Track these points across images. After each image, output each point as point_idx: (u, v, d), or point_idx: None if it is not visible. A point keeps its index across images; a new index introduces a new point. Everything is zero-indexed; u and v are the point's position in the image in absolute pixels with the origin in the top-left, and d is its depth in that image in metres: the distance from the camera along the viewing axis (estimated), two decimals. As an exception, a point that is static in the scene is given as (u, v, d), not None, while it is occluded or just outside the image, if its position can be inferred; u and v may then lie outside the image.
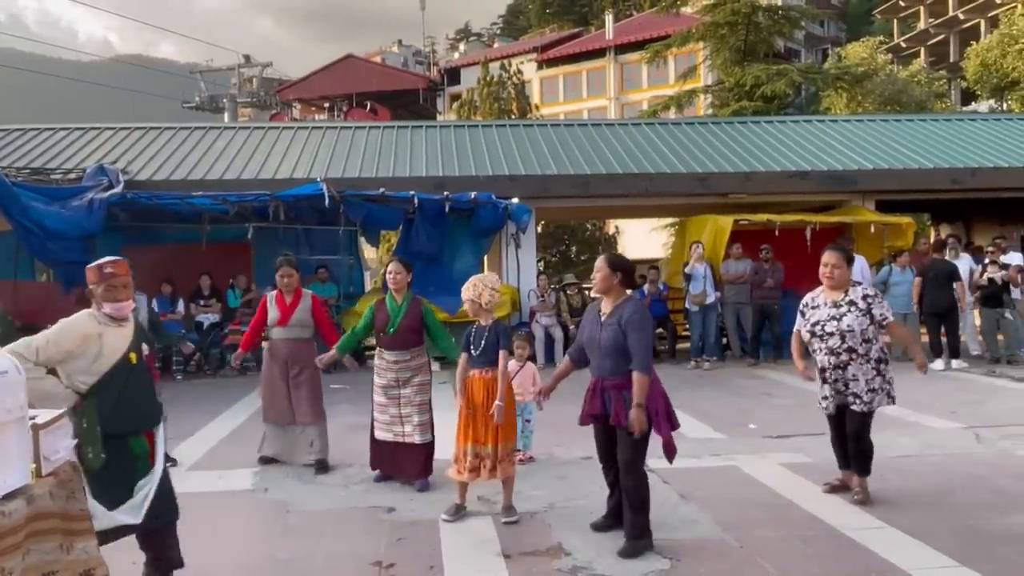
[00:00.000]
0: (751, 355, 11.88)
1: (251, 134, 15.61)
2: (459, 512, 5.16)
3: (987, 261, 11.50)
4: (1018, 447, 6.62)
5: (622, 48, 44.17)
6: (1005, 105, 29.37)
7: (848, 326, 5.16)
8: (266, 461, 6.59)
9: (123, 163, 13.31)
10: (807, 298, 5.52)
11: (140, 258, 9.91)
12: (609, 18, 46.95)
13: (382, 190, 12.23)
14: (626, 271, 4.62)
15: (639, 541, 4.45)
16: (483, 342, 5.15)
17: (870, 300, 5.24)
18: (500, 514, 5.12)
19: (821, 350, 5.31)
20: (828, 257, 5.33)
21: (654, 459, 5.97)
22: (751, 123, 17.04)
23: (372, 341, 6.56)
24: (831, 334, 5.23)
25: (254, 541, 4.89)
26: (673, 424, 4.57)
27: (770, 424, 7.75)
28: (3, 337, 6.48)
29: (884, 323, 5.25)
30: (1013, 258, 11.69)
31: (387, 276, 5.92)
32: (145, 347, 3.81)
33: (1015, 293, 11.37)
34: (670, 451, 4.56)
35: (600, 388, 4.55)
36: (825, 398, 5.40)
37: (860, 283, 5.50)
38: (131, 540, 4.78)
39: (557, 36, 52.65)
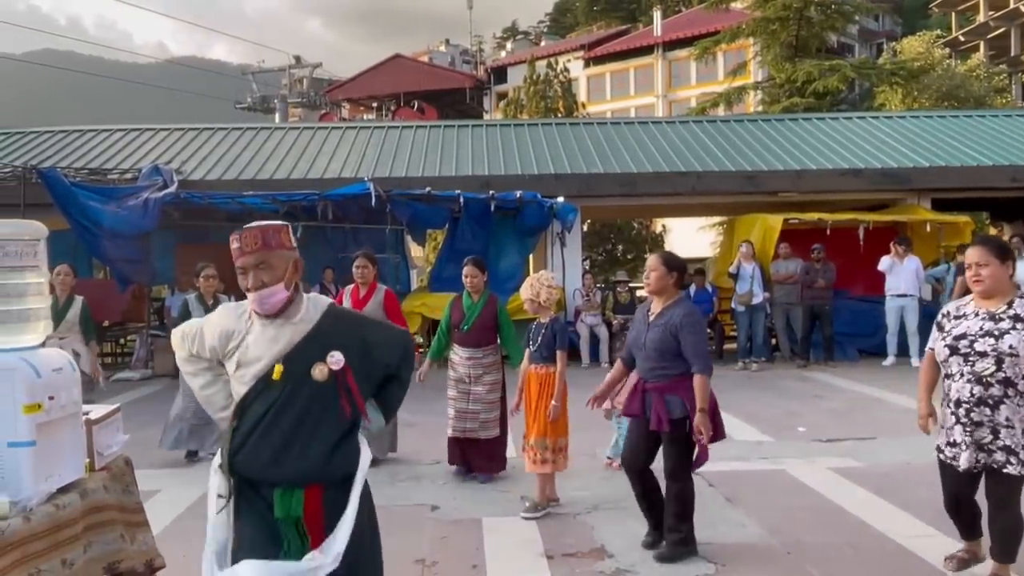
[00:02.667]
0: (801, 357, 11.67)
1: (300, 134, 15.86)
2: (536, 508, 5.27)
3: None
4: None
5: (670, 45, 43.78)
6: (1070, 100, 28.39)
7: (1011, 348, 3.67)
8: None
9: (177, 163, 13.62)
10: (949, 307, 4.06)
11: (193, 256, 10.14)
12: (657, 15, 46.53)
13: (428, 189, 12.31)
14: (681, 271, 4.51)
15: (680, 548, 4.38)
16: (540, 338, 5.32)
17: None
18: (527, 509, 5.17)
19: (962, 375, 3.79)
20: (972, 255, 3.87)
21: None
22: (802, 120, 16.76)
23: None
24: (982, 354, 3.72)
25: (300, 536, 4.95)
26: (718, 433, 4.38)
27: (819, 427, 7.60)
28: (85, 328, 6.71)
29: None
30: (1076, 258, 11.27)
31: (464, 280, 5.96)
32: (336, 359, 2.56)
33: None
34: (701, 459, 4.35)
35: (642, 390, 4.45)
36: (953, 445, 3.84)
37: None
38: (184, 529, 4.89)
39: (604, 33, 52.43)
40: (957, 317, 3.93)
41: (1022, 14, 42.99)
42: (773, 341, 12.51)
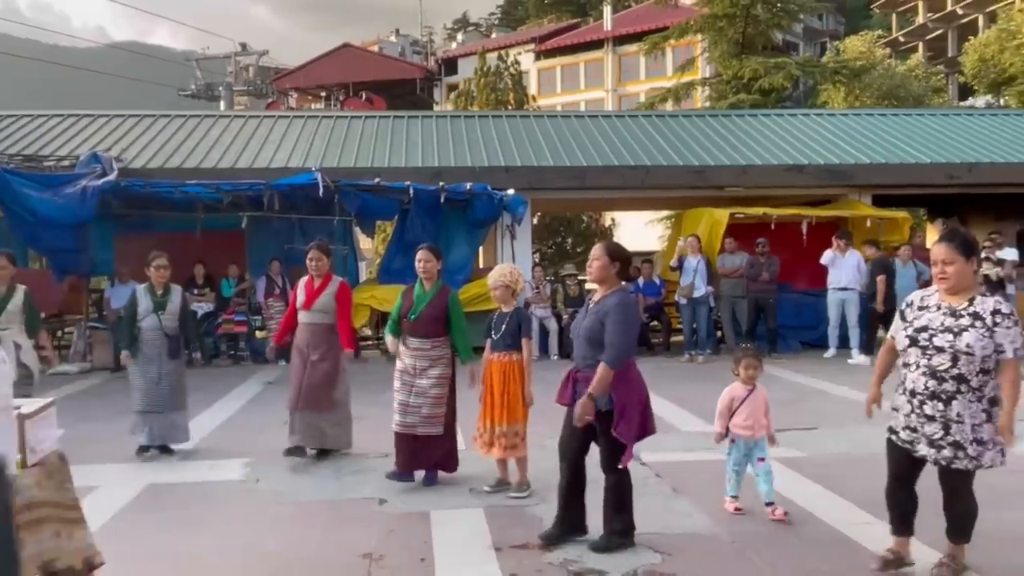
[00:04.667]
0: (745, 349, 11.86)
1: (246, 123, 15.55)
2: (500, 486, 5.41)
3: (983, 257, 11.49)
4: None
5: (620, 40, 44.10)
6: (1002, 100, 29.36)
7: (967, 346, 3.73)
8: (291, 452, 6.36)
9: (117, 150, 13.25)
10: (914, 296, 4.10)
11: (133, 246, 9.89)
12: (607, 9, 46.82)
13: (377, 180, 12.19)
14: (624, 261, 4.49)
15: (616, 539, 4.39)
16: (504, 327, 5.38)
17: (998, 319, 3.77)
18: (512, 490, 5.38)
19: (918, 367, 3.87)
20: (937, 252, 3.89)
21: (646, 452, 5.97)
22: (748, 116, 17.02)
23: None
24: (940, 349, 3.80)
25: (244, 532, 4.87)
26: (647, 429, 4.35)
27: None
28: (29, 319, 6.48)
29: (999, 355, 3.77)
30: (1008, 254, 11.70)
31: (417, 265, 5.84)
32: None
33: (1010, 289, 11.38)
34: (626, 456, 4.32)
35: (572, 378, 4.46)
36: (913, 430, 3.91)
37: (990, 291, 4.11)
38: (124, 525, 4.77)
39: (555, 27, 52.53)
40: (921, 308, 3.98)
41: (959, 16, 44.33)
42: (719, 333, 12.70)
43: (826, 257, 11.66)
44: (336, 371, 6.47)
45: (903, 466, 4.00)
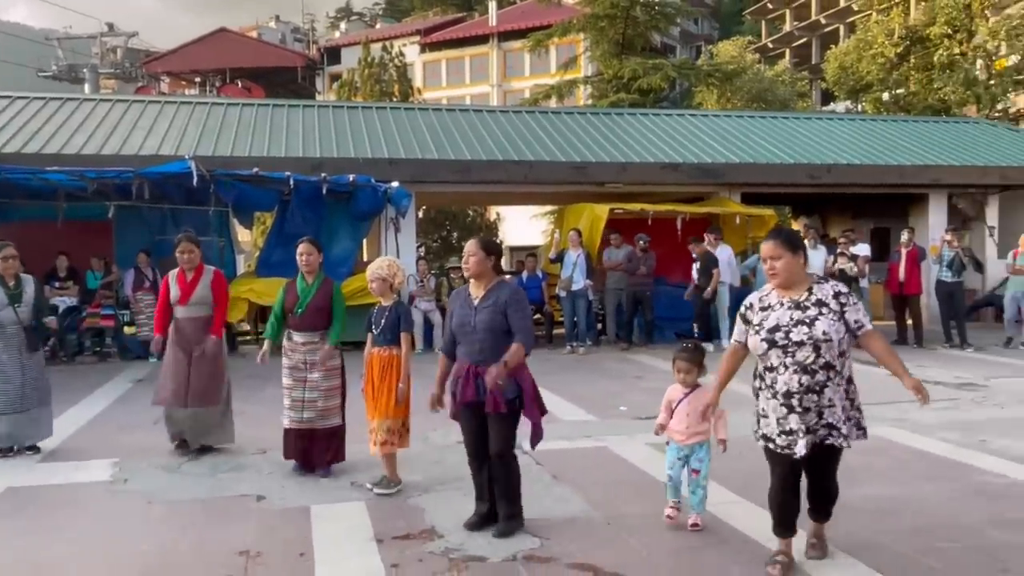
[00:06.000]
0: (624, 340, 12.26)
1: (114, 107, 14.77)
2: (389, 484, 5.30)
3: (838, 252, 12.29)
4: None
5: (505, 35, 44.41)
6: (860, 106, 31.34)
7: (824, 333, 3.81)
8: (183, 445, 6.31)
9: (-33, 133, 12.32)
10: (751, 299, 4.14)
11: (-14, 236, 9.21)
12: (492, 4, 47.04)
13: (256, 170, 11.81)
14: (499, 255, 4.66)
15: (516, 523, 4.54)
16: (384, 321, 5.31)
17: (843, 300, 3.91)
18: (380, 485, 5.30)
19: (787, 367, 3.86)
20: (766, 249, 4.01)
21: (528, 440, 6.08)
22: (628, 115, 17.52)
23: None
24: (800, 344, 3.84)
25: (112, 535, 4.67)
26: (541, 410, 4.59)
27: (640, 406, 8.02)
28: None
29: (859, 332, 3.91)
30: (861, 249, 12.54)
31: (298, 258, 5.76)
32: None
33: (863, 282, 12.23)
34: (536, 437, 4.57)
35: (473, 374, 4.46)
36: (789, 433, 3.89)
37: (824, 278, 4.17)
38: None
39: (441, 20, 52.38)
40: (764, 309, 4.01)
41: (822, 26, 47.06)
42: (600, 325, 13.04)
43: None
44: (221, 363, 6.36)
45: (786, 471, 3.99)
